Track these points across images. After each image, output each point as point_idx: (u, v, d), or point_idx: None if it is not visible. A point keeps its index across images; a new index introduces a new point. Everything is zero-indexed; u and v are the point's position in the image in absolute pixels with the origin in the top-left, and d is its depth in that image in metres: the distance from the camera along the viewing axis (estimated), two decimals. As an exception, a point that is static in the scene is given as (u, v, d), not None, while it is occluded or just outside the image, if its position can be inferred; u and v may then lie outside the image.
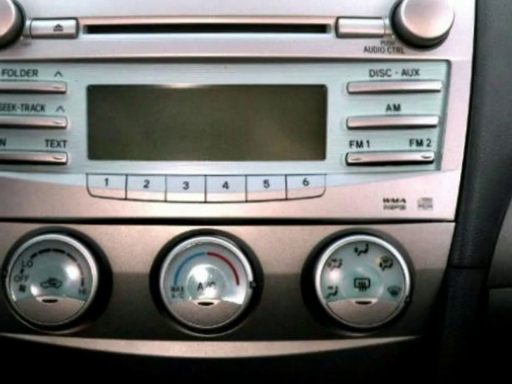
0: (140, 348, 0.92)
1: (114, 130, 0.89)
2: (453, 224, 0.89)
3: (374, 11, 0.89)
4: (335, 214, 0.88)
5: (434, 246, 0.89)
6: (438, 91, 0.89)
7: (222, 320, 0.87)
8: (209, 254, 0.88)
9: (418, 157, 0.89)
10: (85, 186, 0.88)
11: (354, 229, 0.89)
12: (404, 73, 0.89)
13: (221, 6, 0.89)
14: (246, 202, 0.88)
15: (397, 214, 0.88)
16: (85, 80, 0.89)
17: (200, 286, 0.87)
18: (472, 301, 0.90)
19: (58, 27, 0.89)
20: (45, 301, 0.87)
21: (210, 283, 0.87)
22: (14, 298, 0.87)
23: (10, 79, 0.89)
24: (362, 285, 0.87)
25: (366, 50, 0.89)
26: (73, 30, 0.89)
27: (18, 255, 0.87)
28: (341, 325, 0.87)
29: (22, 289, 0.87)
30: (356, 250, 0.87)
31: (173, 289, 0.87)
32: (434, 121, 0.89)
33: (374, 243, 0.87)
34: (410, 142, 0.89)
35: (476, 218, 0.89)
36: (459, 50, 0.89)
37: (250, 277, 0.87)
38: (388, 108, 0.89)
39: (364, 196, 0.88)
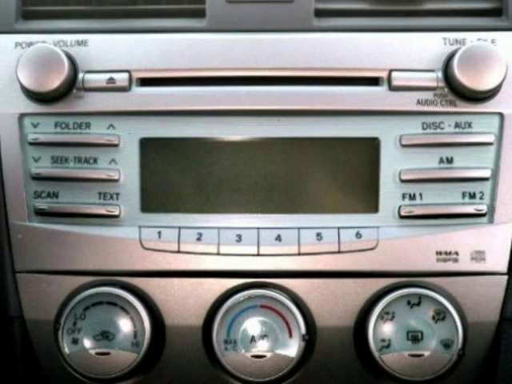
0: (193, 400, 0.92)
1: (167, 183, 0.89)
2: (505, 277, 0.89)
3: (427, 64, 0.89)
4: (388, 267, 0.89)
5: (487, 298, 0.89)
6: (490, 144, 0.89)
7: (274, 373, 0.87)
8: (262, 306, 0.88)
9: (470, 209, 0.89)
10: (138, 239, 0.89)
11: (406, 281, 0.89)
12: (457, 125, 0.89)
13: (273, 58, 0.89)
14: (299, 254, 0.88)
15: (449, 266, 0.88)
16: (137, 133, 0.89)
17: (253, 339, 0.87)
18: (525, 354, 0.90)
19: (111, 80, 0.89)
20: (98, 353, 0.87)
21: (263, 336, 0.87)
22: (66, 350, 0.87)
23: (63, 132, 0.90)
24: (415, 337, 0.87)
25: (418, 102, 0.89)
26: (125, 83, 0.89)
27: (71, 308, 0.88)
28: (394, 378, 0.88)
29: (75, 341, 0.87)
30: (409, 302, 0.88)
31: (226, 341, 0.87)
32: (486, 173, 0.89)
33: (426, 296, 0.87)
34: (463, 194, 0.89)
35: (529, 271, 0.89)
36: None
37: (303, 329, 0.87)
38: (441, 161, 0.89)
39: (417, 249, 0.88)
